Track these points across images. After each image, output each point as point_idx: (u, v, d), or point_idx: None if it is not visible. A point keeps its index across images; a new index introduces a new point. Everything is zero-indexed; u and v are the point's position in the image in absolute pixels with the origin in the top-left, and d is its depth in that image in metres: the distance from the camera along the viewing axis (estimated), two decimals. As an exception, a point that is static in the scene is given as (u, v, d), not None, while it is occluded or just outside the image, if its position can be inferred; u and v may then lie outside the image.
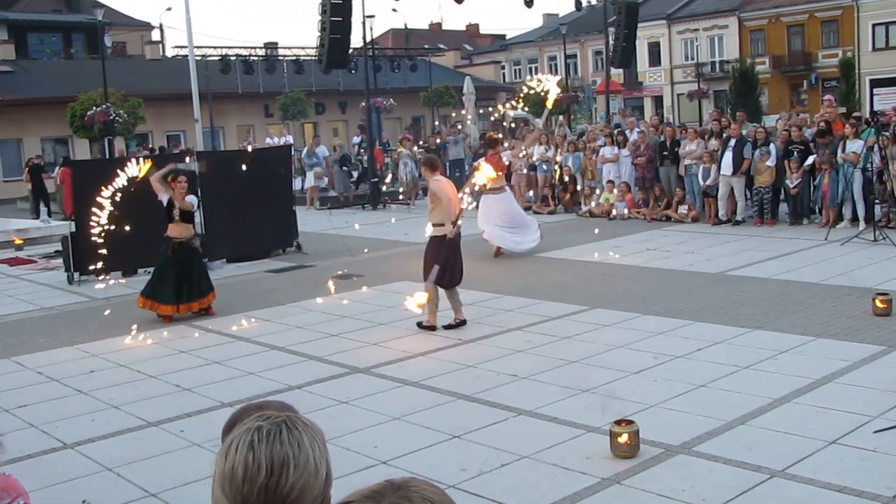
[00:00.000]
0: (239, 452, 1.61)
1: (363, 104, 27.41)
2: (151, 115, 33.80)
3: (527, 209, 18.32)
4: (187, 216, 10.95)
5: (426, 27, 73.33)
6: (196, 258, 11.20)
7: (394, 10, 51.98)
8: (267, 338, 9.80)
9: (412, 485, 1.50)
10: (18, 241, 18.40)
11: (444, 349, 8.92)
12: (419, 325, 9.74)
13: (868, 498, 5.07)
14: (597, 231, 15.46)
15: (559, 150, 20.50)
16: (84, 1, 52.74)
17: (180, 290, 10.86)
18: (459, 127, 28.53)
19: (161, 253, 10.98)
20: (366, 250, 15.41)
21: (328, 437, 1.71)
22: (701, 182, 16.84)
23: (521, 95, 16.46)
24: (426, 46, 54.58)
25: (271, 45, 45.62)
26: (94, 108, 29.13)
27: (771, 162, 15.73)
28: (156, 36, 51.61)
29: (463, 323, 9.77)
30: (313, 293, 12.12)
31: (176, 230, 10.89)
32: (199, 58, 29.48)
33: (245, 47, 41.42)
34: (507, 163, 16.06)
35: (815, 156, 15.31)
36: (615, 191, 18.37)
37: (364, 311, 10.90)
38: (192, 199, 11.04)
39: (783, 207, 16.42)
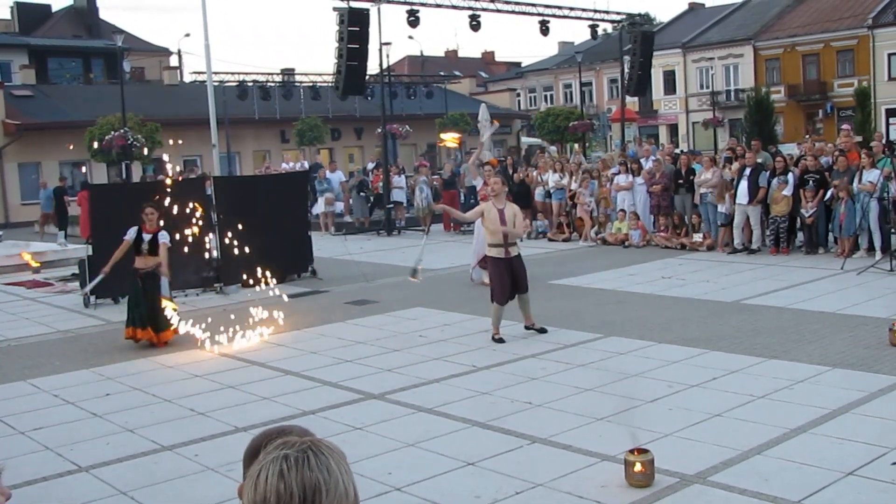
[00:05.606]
0: (269, 482, 1.59)
1: (379, 130, 27.56)
2: (169, 140, 34.09)
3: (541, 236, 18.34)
4: (154, 248, 10.93)
5: (442, 54, 73.93)
6: (158, 289, 11.10)
7: (410, 37, 52.30)
8: (281, 363, 9.82)
9: None
10: (36, 265, 18.53)
11: (458, 376, 8.91)
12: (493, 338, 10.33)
13: (886, 531, 5.02)
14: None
15: (574, 177, 20.52)
16: (104, 27, 53.49)
17: (152, 315, 10.81)
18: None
19: (131, 284, 11.04)
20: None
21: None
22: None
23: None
24: (442, 73, 55.03)
25: (288, 72, 46.08)
26: (113, 132, 29.44)
27: (788, 191, 15.70)
28: (174, 62, 52.09)
29: (538, 330, 10.51)
30: (328, 318, 12.15)
31: (142, 262, 10.94)
32: (216, 83, 29.75)
33: (262, 73, 41.83)
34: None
35: (836, 185, 15.23)
36: (626, 220, 18.36)
37: (378, 337, 10.91)
38: (164, 236, 11.00)
39: (799, 236, 16.37)
